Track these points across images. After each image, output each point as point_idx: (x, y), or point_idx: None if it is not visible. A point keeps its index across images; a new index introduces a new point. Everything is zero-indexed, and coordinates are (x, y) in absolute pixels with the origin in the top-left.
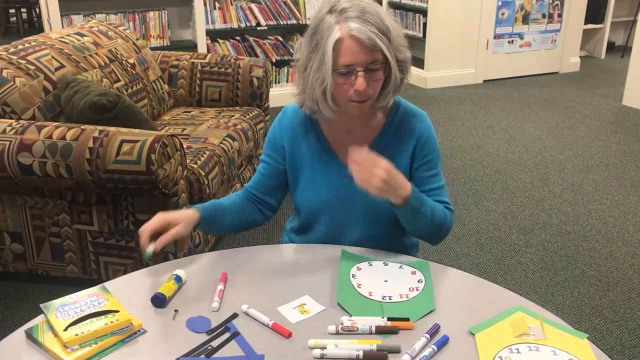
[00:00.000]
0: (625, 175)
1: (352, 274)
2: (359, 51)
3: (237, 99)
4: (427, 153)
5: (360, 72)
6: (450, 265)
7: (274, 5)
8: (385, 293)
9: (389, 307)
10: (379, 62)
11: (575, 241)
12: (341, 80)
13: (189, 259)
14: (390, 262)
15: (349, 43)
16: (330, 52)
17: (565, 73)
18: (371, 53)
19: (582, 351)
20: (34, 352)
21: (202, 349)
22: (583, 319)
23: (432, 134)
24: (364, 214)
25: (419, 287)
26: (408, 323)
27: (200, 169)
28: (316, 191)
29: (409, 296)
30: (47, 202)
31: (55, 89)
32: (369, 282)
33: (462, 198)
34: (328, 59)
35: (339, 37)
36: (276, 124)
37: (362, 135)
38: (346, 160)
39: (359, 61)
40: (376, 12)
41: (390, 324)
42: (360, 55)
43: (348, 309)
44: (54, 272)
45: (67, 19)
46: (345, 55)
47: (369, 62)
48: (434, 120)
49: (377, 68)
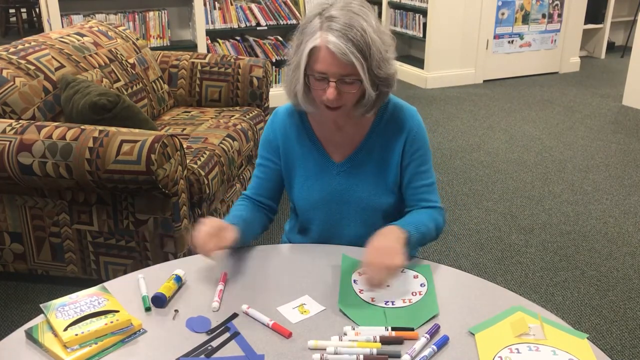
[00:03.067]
0: (625, 175)
1: (354, 280)
2: (332, 63)
3: (237, 99)
4: (417, 149)
5: (332, 82)
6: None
7: (274, 5)
8: (388, 298)
9: (391, 313)
10: (353, 77)
11: (575, 241)
12: (316, 85)
13: (189, 259)
14: None
15: (325, 53)
16: (305, 57)
17: (565, 73)
18: (345, 67)
19: (582, 351)
20: (34, 352)
21: (202, 349)
22: (583, 319)
23: (421, 130)
24: (359, 212)
25: (422, 292)
26: (413, 333)
27: (200, 169)
28: (310, 189)
29: (412, 301)
30: (47, 202)
31: (55, 89)
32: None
33: (462, 198)
34: (303, 62)
35: (316, 44)
36: (269, 125)
37: (352, 132)
38: (336, 157)
39: (331, 72)
40: (360, 29)
41: (394, 334)
42: (333, 67)
43: (350, 315)
44: (54, 272)
45: (67, 19)
46: (320, 63)
47: (343, 75)
48: (434, 120)
49: (350, 82)
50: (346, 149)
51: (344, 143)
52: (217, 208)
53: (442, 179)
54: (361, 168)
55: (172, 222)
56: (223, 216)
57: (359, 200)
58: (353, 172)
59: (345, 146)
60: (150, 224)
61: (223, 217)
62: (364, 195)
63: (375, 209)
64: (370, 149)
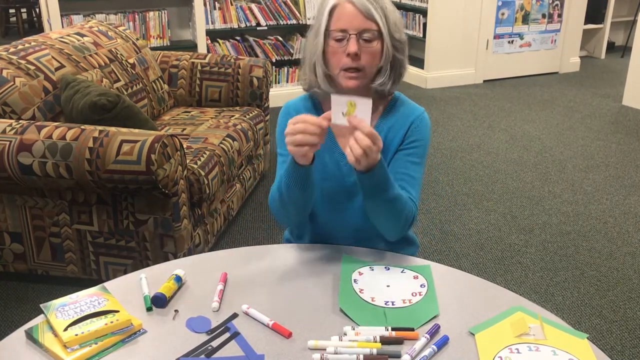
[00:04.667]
0: (625, 175)
1: (354, 279)
2: (353, 16)
3: (237, 99)
4: (414, 139)
5: (353, 35)
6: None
7: (274, 5)
8: (388, 298)
9: (392, 313)
10: (373, 31)
11: (575, 241)
12: (335, 46)
13: (189, 259)
14: (392, 267)
15: (344, 8)
16: (326, 16)
17: (565, 73)
18: (365, 21)
19: (582, 351)
20: (34, 352)
21: (202, 349)
22: (583, 319)
23: (424, 126)
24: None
25: (422, 292)
26: (413, 333)
27: (200, 169)
28: (319, 179)
29: (412, 301)
30: (47, 202)
31: (55, 89)
32: (371, 288)
33: (462, 198)
34: (323, 22)
35: (335, 2)
36: (282, 117)
37: None
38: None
39: (352, 26)
40: None
41: (395, 334)
42: (354, 21)
43: (351, 315)
44: (54, 272)
45: (67, 19)
46: (339, 20)
47: (363, 29)
48: (434, 120)
49: (370, 38)
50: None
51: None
52: (217, 208)
53: (442, 179)
54: None
55: (172, 222)
56: (223, 216)
57: None
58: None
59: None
60: (150, 224)
61: (223, 216)
62: None
63: None
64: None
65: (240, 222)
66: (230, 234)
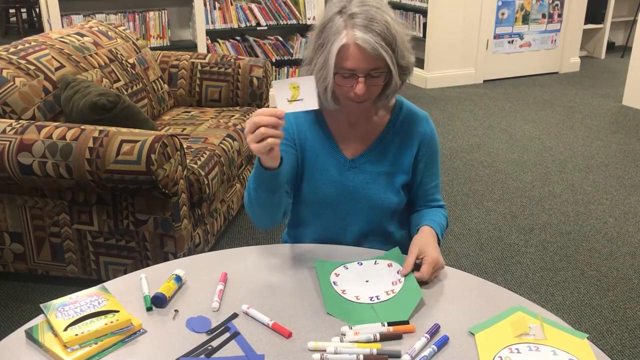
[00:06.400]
0: (625, 175)
1: (333, 282)
2: (362, 59)
3: (237, 99)
4: (432, 153)
5: (361, 77)
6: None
7: (274, 5)
8: (372, 294)
9: (380, 307)
10: (381, 70)
11: (575, 241)
12: (342, 82)
13: (189, 259)
14: (364, 261)
15: (353, 50)
16: (334, 56)
17: (565, 73)
18: (374, 61)
19: (582, 351)
20: (34, 352)
21: (202, 349)
22: (583, 319)
23: (435, 135)
24: (365, 209)
25: (401, 279)
26: (409, 326)
27: (200, 169)
28: (317, 183)
29: (395, 291)
30: (47, 202)
31: (55, 89)
32: (352, 286)
33: (462, 198)
34: (331, 61)
35: (344, 42)
36: None
37: (366, 129)
38: (348, 153)
39: (360, 67)
40: (384, 21)
41: (392, 329)
42: (363, 63)
43: (341, 318)
44: (54, 272)
45: (67, 19)
46: (348, 61)
47: (371, 69)
48: (434, 120)
49: (378, 75)
50: (358, 146)
51: (356, 140)
52: (217, 208)
53: (442, 179)
54: (373, 166)
55: (172, 222)
56: (223, 216)
57: (368, 198)
58: (364, 169)
59: (358, 143)
60: (150, 224)
61: (223, 216)
62: (373, 193)
63: (383, 208)
64: (385, 148)
65: (240, 222)
66: (230, 234)
